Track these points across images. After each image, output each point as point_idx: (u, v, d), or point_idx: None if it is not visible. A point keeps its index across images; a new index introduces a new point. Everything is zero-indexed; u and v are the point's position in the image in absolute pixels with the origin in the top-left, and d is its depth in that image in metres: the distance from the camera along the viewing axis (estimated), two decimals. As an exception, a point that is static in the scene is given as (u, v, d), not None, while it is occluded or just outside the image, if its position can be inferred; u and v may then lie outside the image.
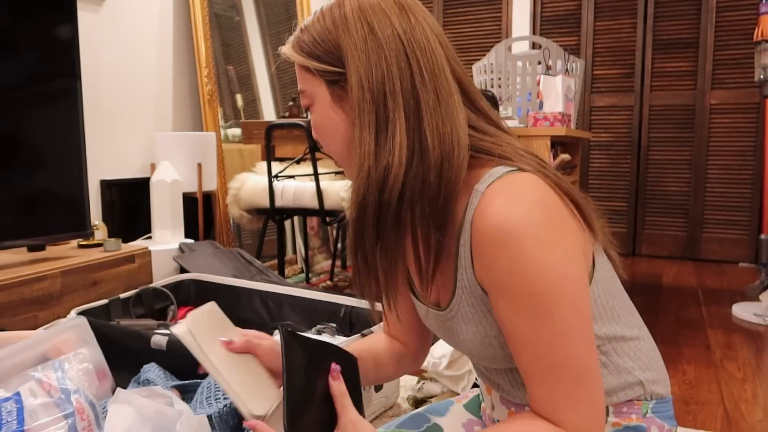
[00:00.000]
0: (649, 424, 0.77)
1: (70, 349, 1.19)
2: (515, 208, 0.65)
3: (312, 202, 2.58)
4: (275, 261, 3.11)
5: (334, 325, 1.60)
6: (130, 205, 2.67)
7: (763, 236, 2.65)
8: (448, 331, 0.80)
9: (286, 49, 0.78)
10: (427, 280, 0.75)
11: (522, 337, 0.67)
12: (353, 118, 0.72)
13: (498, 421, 0.88)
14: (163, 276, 2.20)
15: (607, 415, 0.76)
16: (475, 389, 1.04)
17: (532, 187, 0.67)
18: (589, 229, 0.75)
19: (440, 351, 1.61)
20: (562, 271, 0.65)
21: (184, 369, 1.24)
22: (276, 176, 2.65)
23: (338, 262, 3.58)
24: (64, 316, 1.71)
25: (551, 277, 0.65)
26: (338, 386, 0.74)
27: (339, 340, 1.37)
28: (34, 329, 1.56)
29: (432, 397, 1.62)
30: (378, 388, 1.35)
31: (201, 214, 2.73)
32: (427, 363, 1.62)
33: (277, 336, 0.81)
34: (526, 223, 0.65)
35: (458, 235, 0.72)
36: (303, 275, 3.36)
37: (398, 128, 0.70)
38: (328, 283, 3.27)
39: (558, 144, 2.59)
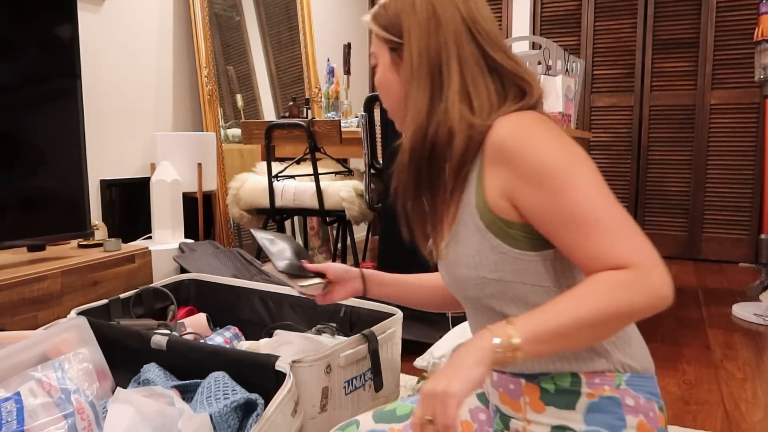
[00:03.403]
0: (623, 395, 0.79)
1: (70, 349, 1.19)
2: (519, 120, 0.79)
3: (312, 202, 2.58)
4: (275, 261, 3.11)
5: (334, 324, 1.60)
6: (130, 205, 2.67)
7: (763, 236, 2.65)
8: (446, 265, 0.90)
9: (367, 17, 0.95)
10: (443, 215, 0.89)
11: (556, 211, 0.74)
12: (408, 81, 0.88)
13: (496, 407, 0.91)
14: (163, 276, 2.20)
15: (581, 385, 0.80)
16: None
17: (533, 114, 0.82)
18: None
19: (440, 351, 1.61)
20: (572, 150, 0.77)
21: (184, 369, 1.24)
22: (276, 176, 2.65)
23: (338, 262, 3.58)
24: (64, 316, 1.71)
25: (564, 154, 0.76)
26: None
27: (339, 341, 1.37)
28: (34, 329, 1.56)
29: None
30: (378, 388, 1.35)
31: (201, 214, 2.73)
32: (427, 363, 1.62)
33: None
34: (531, 124, 0.78)
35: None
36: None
37: (449, 94, 0.85)
38: (328, 283, 3.27)
39: (558, 144, 2.59)
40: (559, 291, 0.81)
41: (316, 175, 2.53)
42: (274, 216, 2.72)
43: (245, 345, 1.53)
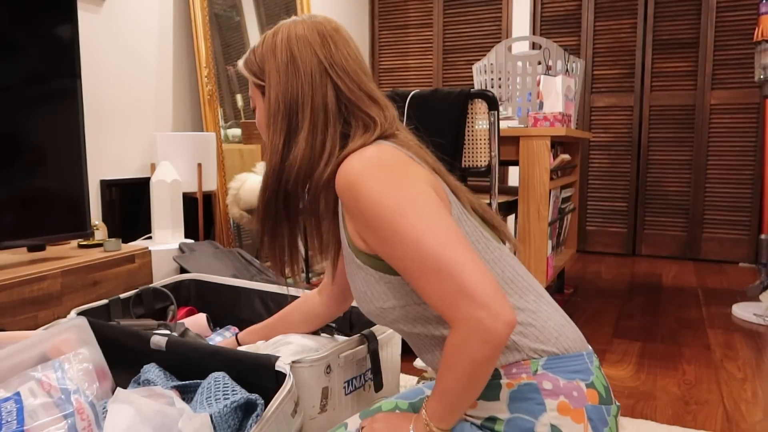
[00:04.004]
0: (540, 380, 0.82)
1: (70, 349, 1.19)
2: (355, 162, 0.83)
3: (312, 202, 2.58)
4: (275, 261, 3.11)
5: (334, 324, 1.60)
6: (130, 205, 2.67)
7: (763, 236, 2.65)
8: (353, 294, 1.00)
9: (240, 62, 1.03)
10: (321, 249, 1.03)
11: (395, 257, 0.79)
12: (267, 124, 0.95)
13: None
14: (163, 276, 2.20)
15: (500, 377, 0.83)
16: None
17: (374, 148, 0.85)
18: (453, 193, 0.90)
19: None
20: (397, 194, 0.79)
21: (184, 369, 1.24)
22: (276, 176, 2.65)
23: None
24: (64, 316, 1.71)
25: (388, 201, 0.79)
26: None
27: (339, 340, 1.37)
28: (34, 329, 1.56)
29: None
30: (378, 388, 1.35)
31: (201, 214, 2.73)
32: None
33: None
34: (359, 170, 0.82)
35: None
36: (303, 275, 3.36)
37: (299, 138, 0.92)
38: (328, 283, 3.27)
39: (558, 144, 2.59)
40: None
41: (316, 175, 2.52)
42: (274, 216, 2.72)
43: (245, 346, 1.53)
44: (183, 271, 2.21)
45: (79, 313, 1.50)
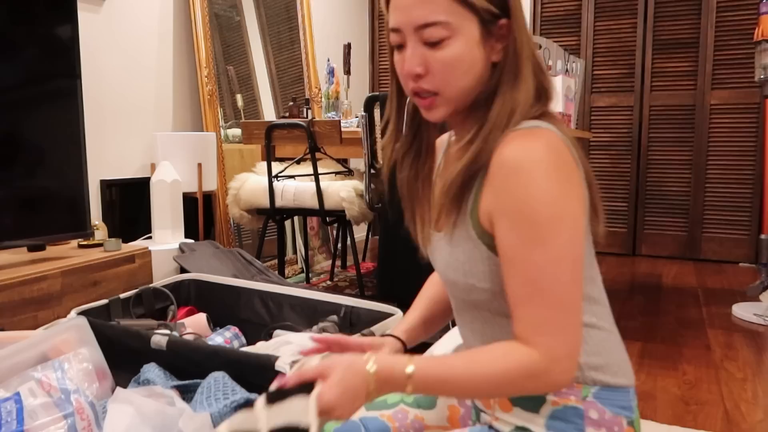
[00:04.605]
0: (588, 407, 0.79)
1: (70, 349, 1.19)
2: (531, 147, 0.74)
3: (312, 202, 2.58)
4: (275, 261, 3.11)
5: (335, 318, 1.60)
6: (130, 205, 2.67)
7: (763, 236, 2.65)
8: (435, 252, 0.89)
9: None
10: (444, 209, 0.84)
11: (516, 259, 0.74)
12: (520, 62, 0.80)
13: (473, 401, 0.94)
14: (163, 276, 2.20)
15: (547, 393, 0.80)
16: None
17: (549, 137, 0.75)
18: (592, 207, 0.83)
19: (440, 351, 1.61)
20: (564, 206, 0.73)
21: (184, 369, 1.24)
22: (276, 176, 2.65)
23: (338, 262, 3.58)
24: (64, 316, 1.71)
25: (554, 209, 0.72)
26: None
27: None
28: (34, 329, 1.56)
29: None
30: (378, 388, 1.35)
31: (201, 214, 2.72)
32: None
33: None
34: (538, 159, 0.73)
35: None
36: (303, 275, 3.36)
37: (529, 81, 0.81)
38: (328, 283, 3.27)
39: (558, 144, 2.59)
40: None
41: (316, 175, 2.52)
42: (274, 216, 2.72)
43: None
44: (183, 271, 2.21)
45: (79, 313, 1.50)
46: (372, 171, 2.47)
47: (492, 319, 0.84)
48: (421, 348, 1.83)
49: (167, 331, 1.48)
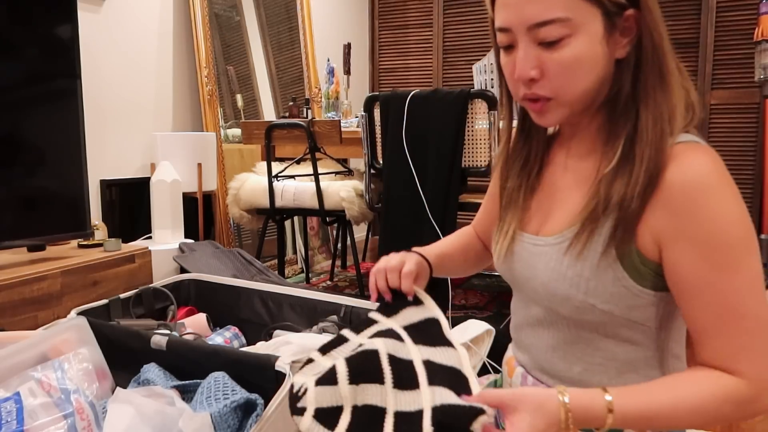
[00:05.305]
0: None
1: (70, 349, 1.19)
2: (708, 164, 0.68)
3: (312, 202, 2.58)
4: (275, 261, 3.11)
5: (335, 318, 1.60)
6: (130, 205, 2.67)
7: (763, 236, 2.65)
8: (530, 257, 0.80)
9: None
10: (596, 202, 0.74)
11: (707, 286, 0.67)
12: (660, 61, 0.73)
13: None
14: (163, 276, 2.20)
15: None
16: (488, 376, 1.04)
17: (716, 156, 0.70)
18: None
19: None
20: (749, 226, 0.68)
21: (184, 369, 1.24)
22: (276, 176, 2.65)
23: (338, 262, 3.58)
24: (64, 316, 1.71)
25: (743, 228, 0.67)
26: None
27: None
28: (34, 329, 1.56)
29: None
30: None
31: (201, 214, 2.73)
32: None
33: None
34: (719, 177, 0.67)
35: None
36: (303, 275, 3.36)
37: (676, 83, 0.74)
38: (328, 283, 3.27)
39: (558, 144, 2.59)
40: (658, 332, 0.77)
41: (316, 175, 2.53)
42: (274, 216, 2.72)
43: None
44: (183, 271, 2.21)
45: (79, 313, 1.50)
46: (372, 171, 2.47)
47: (595, 341, 0.77)
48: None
49: (167, 331, 1.48)
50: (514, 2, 0.70)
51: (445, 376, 0.73)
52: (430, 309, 0.84)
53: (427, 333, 0.81)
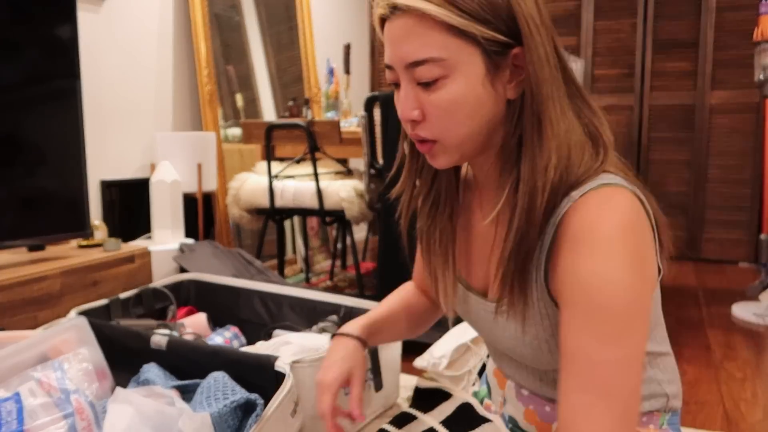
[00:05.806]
0: None
1: (70, 349, 1.19)
2: (610, 215, 0.61)
3: (312, 202, 2.58)
4: (275, 261, 3.11)
5: (335, 318, 1.60)
6: (130, 205, 2.67)
7: (763, 236, 2.65)
8: (487, 323, 0.77)
9: (433, 5, 0.63)
10: (503, 267, 0.69)
11: (583, 354, 0.61)
12: (527, 107, 0.65)
13: (510, 416, 0.88)
14: (163, 276, 2.20)
15: None
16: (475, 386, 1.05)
17: (627, 202, 0.63)
18: (659, 245, 0.71)
19: (440, 351, 1.61)
20: (643, 294, 0.62)
21: (184, 369, 1.24)
22: (276, 176, 2.65)
23: (338, 262, 3.58)
24: (64, 316, 1.71)
25: (633, 296, 0.61)
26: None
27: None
28: (34, 329, 1.56)
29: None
30: (378, 388, 1.35)
31: (201, 214, 2.73)
32: (427, 363, 1.62)
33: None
34: (618, 231, 0.61)
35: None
36: (303, 275, 3.36)
37: (571, 113, 0.67)
38: (328, 283, 3.27)
39: (558, 144, 2.59)
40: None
41: (316, 175, 2.53)
42: (273, 216, 2.72)
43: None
44: (183, 271, 2.22)
45: (79, 313, 1.50)
46: (372, 171, 2.47)
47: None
48: (420, 348, 1.83)
49: (167, 331, 1.48)
50: (395, 39, 0.68)
51: None
52: (460, 397, 0.95)
53: (463, 419, 0.92)
